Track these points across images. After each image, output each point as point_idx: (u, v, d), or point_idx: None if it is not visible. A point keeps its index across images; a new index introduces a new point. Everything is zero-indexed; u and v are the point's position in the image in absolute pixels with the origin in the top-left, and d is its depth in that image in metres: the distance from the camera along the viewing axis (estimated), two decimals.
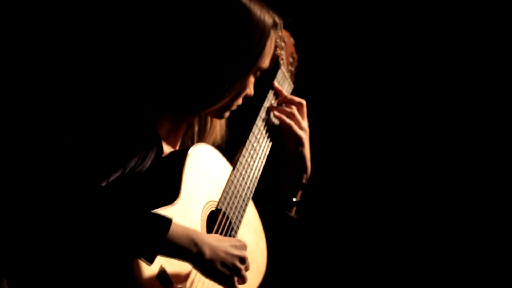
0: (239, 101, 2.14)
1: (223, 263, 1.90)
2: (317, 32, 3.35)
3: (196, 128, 2.24)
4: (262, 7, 2.05)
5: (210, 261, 1.87)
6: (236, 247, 1.94)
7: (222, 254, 1.90)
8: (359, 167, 3.46)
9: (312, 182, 2.43)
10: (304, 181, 2.38)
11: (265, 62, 2.10)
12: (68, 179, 1.76)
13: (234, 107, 2.15)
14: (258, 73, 2.13)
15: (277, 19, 2.09)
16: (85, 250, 1.81)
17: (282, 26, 2.13)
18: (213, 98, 2.03)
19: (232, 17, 2.01)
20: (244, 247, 1.97)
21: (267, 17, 2.05)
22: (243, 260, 1.95)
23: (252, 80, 2.13)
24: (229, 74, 2.02)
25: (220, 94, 2.03)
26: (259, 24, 2.03)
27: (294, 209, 2.39)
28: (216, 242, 1.90)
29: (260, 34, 2.03)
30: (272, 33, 2.07)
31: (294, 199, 2.37)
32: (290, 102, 2.37)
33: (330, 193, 3.43)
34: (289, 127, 2.33)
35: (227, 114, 2.16)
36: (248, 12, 2.01)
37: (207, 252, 1.87)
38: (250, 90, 2.14)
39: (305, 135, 2.36)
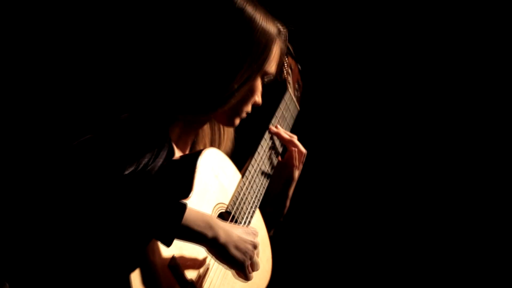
0: (248, 107, 2.23)
1: (237, 247, 1.97)
2: (314, 36, 3.44)
3: (208, 140, 2.33)
4: (266, 15, 2.17)
5: (224, 245, 1.94)
6: (248, 233, 2.02)
7: (236, 238, 1.97)
8: (360, 170, 3.50)
9: (314, 187, 2.47)
10: (281, 219, 2.44)
11: (272, 67, 2.20)
12: (85, 169, 1.83)
13: (243, 114, 2.23)
14: (266, 79, 2.23)
15: (280, 27, 2.21)
16: (103, 234, 1.87)
17: (287, 34, 2.24)
18: (222, 99, 2.12)
19: (238, 25, 2.12)
20: (256, 234, 2.04)
21: (271, 25, 2.17)
22: (255, 245, 2.02)
23: (259, 88, 2.22)
24: (237, 76, 2.11)
25: (229, 95, 2.12)
26: (263, 30, 2.14)
27: (272, 230, 2.43)
28: (230, 227, 1.98)
29: (265, 39, 2.14)
30: (277, 40, 2.19)
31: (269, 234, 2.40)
32: (295, 147, 2.44)
33: (331, 198, 3.47)
34: (292, 160, 2.41)
35: (237, 121, 2.24)
36: (253, 19, 2.13)
37: (222, 236, 1.94)
38: (258, 98, 2.23)
39: (296, 177, 2.43)
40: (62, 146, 1.87)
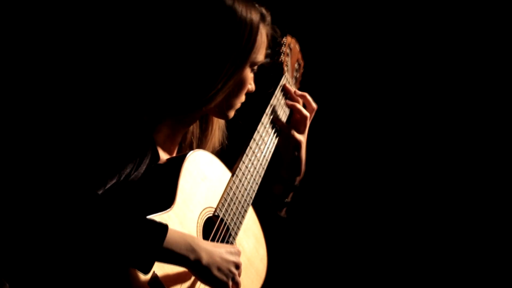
0: (242, 98, 2.15)
1: (219, 269, 1.93)
2: (314, 33, 3.36)
3: (196, 134, 2.25)
4: (246, 3, 2.06)
5: (207, 267, 1.91)
6: (231, 253, 1.98)
7: (218, 260, 1.93)
8: (360, 171, 3.46)
9: (313, 188, 2.42)
10: (296, 183, 2.39)
11: (259, 56, 2.11)
12: (65, 188, 1.79)
13: (238, 105, 2.16)
14: (256, 67, 2.14)
15: (264, 12, 2.11)
16: (80, 257, 1.84)
17: (270, 18, 2.14)
18: (207, 97, 2.04)
19: (218, 19, 2.03)
20: (238, 253, 2.00)
21: (253, 13, 2.07)
22: (237, 266, 1.98)
23: (251, 75, 2.14)
24: (223, 72, 2.03)
25: (214, 92, 2.04)
26: (246, 21, 2.04)
27: (284, 209, 2.41)
28: (212, 248, 1.93)
29: (248, 30, 2.05)
30: (261, 26, 2.09)
31: (285, 200, 2.38)
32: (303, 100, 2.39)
33: (330, 199, 3.43)
34: (291, 130, 2.35)
35: (231, 113, 2.17)
36: (232, 11, 2.03)
37: (205, 258, 1.90)
38: (251, 86, 2.16)
39: (304, 140, 2.37)
40: (42, 161, 1.84)
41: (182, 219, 1.99)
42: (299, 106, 2.36)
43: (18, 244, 1.91)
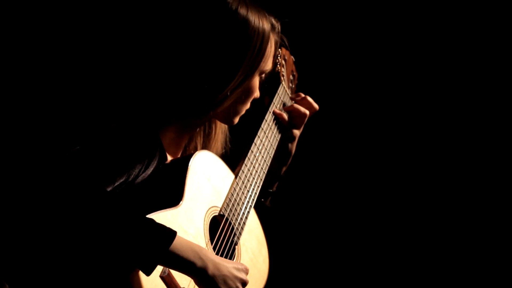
0: (248, 105, 2.21)
1: (225, 282, 1.92)
2: (313, 35, 3.42)
3: (200, 138, 2.30)
4: (259, 13, 2.12)
5: (213, 277, 1.90)
6: (238, 269, 1.97)
7: (225, 273, 1.92)
8: (360, 172, 3.49)
9: (313, 189, 2.45)
10: (282, 173, 2.45)
11: (267, 65, 2.18)
12: (73, 184, 1.80)
13: (243, 112, 2.22)
14: (263, 75, 2.21)
15: (274, 22, 2.17)
16: (86, 254, 1.84)
17: (279, 27, 2.20)
18: (215, 102, 2.09)
19: (231, 28, 2.08)
20: (246, 270, 2.00)
21: (265, 23, 2.13)
22: (244, 283, 1.98)
23: (257, 85, 2.20)
24: (233, 79, 2.08)
25: (223, 98, 2.10)
26: (258, 31, 2.10)
27: (269, 198, 2.45)
28: (219, 261, 1.93)
29: (260, 40, 2.11)
30: (271, 36, 2.15)
31: (270, 190, 2.43)
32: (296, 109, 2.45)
33: (330, 200, 3.45)
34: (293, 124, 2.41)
35: (236, 119, 2.22)
36: (246, 22, 2.09)
37: (211, 268, 1.89)
38: (257, 94, 2.22)
39: (298, 134, 2.44)
40: (51, 156, 1.85)
41: (190, 216, 2.02)
42: (297, 106, 2.42)
43: (18, 244, 1.91)
